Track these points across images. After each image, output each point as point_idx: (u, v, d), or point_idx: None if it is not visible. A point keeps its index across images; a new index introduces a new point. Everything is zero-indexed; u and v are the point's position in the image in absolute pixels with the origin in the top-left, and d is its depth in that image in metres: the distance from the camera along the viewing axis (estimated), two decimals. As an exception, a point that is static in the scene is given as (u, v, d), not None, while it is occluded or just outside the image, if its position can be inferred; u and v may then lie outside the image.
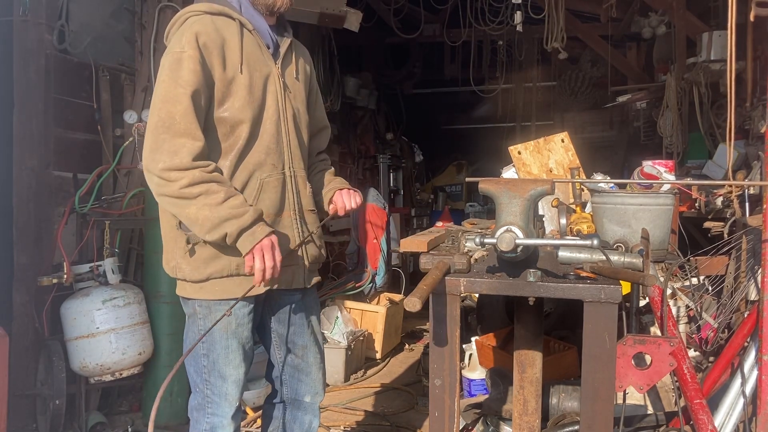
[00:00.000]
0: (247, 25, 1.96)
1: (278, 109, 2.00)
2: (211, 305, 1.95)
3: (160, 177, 1.78)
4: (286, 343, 2.15)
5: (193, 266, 1.92)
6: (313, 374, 2.19)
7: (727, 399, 2.77)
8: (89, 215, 3.33)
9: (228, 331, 1.95)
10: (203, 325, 1.96)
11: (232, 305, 1.90)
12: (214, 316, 1.93)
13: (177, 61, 1.82)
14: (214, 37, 1.87)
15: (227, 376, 1.97)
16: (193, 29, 1.85)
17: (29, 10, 3.24)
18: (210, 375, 1.98)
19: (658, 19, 6.06)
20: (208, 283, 1.92)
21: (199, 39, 1.84)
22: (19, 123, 3.24)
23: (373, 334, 4.77)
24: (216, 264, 1.90)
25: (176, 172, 1.77)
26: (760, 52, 3.87)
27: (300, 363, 2.17)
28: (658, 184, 2.68)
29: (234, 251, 1.86)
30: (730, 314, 3.10)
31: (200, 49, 1.84)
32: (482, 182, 1.66)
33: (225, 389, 1.98)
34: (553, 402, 2.37)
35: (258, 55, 1.97)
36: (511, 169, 3.28)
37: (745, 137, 3.91)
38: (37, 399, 3.23)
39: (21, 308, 3.20)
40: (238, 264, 1.89)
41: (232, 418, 2.01)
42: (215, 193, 1.79)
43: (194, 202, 1.78)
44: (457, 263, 1.62)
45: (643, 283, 1.44)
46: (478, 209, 8.69)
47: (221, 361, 1.96)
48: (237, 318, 1.95)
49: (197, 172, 1.78)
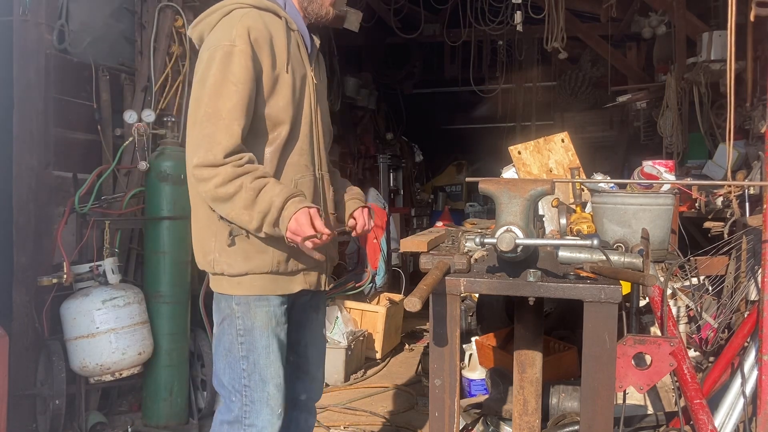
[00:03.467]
0: (291, 24, 1.95)
1: (311, 111, 1.99)
2: (250, 301, 1.87)
3: (193, 174, 1.77)
4: (291, 344, 2.08)
5: (232, 259, 1.86)
6: (311, 372, 2.16)
7: (727, 399, 2.77)
8: (89, 215, 3.33)
9: (269, 329, 1.88)
10: (242, 325, 1.88)
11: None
12: (254, 313, 1.87)
13: (228, 55, 1.77)
14: (264, 34, 1.83)
15: (269, 378, 1.88)
16: (244, 23, 1.81)
17: (29, 10, 3.23)
18: (250, 379, 1.87)
19: (658, 19, 6.06)
20: (247, 278, 1.86)
21: (251, 34, 1.80)
22: (19, 123, 3.24)
23: (373, 334, 4.77)
24: (257, 258, 1.86)
25: (208, 169, 1.74)
26: (760, 52, 3.87)
27: (300, 361, 2.14)
28: (658, 184, 2.68)
29: (276, 248, 1.85)
30: (730, 314, 3.10)
31: (252, 44, 1.79)
32: (482, 182, 1.66)
33: (267, 393, 1.88)
34: (553, 402, 2.37)
35: (298, 56, 1.96)
36: (511, 169, 3.28)
37: (745, 137, 3.91)
38: (37, 399, 3.23)
39: (21, 308, 3.19)
40: (279, 261, 1.86)
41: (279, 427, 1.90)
42: (246, 191, 1.74)
43: (231, 203, 1.75)
44: (457, 263, 1.62)
45: (643, 283, 1.44)
46: (478, 209, 8.70)
47: (262, 362, 1.87)
48: (276, 316, 1.89)
49: (228, 168, 1.74)
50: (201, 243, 1.94)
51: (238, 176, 1.75)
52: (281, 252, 1.87)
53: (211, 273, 1.94)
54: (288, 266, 1.90)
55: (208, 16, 1.91)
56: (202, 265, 1.96)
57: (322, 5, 1.98)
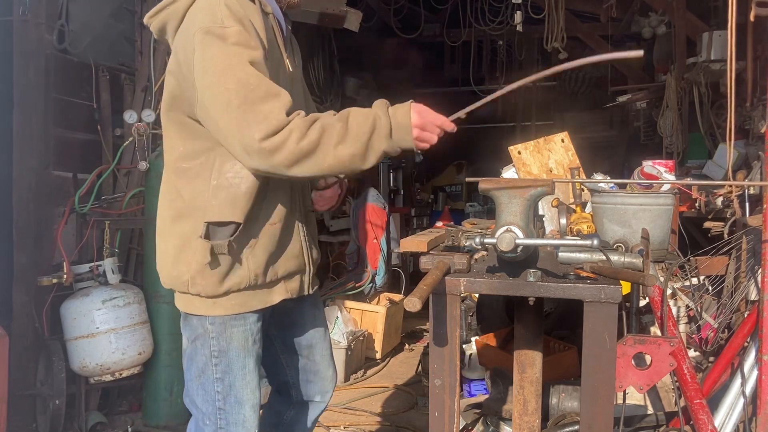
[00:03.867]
0: (266, 7, 1.80)
1: None
2: (226, 321, 1.73)
3: (265, 148, 1.53)
4: (290, 346, 2.04)
5: (211, 280, 1.70)
6: (321, 372, 2.07)
7: (727, 399, 2.77)
8: (89, 215, 3.33)
9: (245, 349, 1.76)
10: (217, 346, 1.75)
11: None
12: (229, 333, 1.74)
13: (221, 36, 1.59)
14: (243, 15, 1.65)
15: (245, 400, 1.77)
16: (223, 3, 1.62)
17: (29, 10, 3.24)
18: (225, 402, 1.77)
19: (658, 19, 6.06)
20: (225, 297, 1.72)
21: (233, 14, 1.62)
22: (19, 123, 3.24)
23: (373, 334, 4.77)
24: (235, 276, 1.71)
25: (279, 134, 1.53)
26: (760, 52, 3.87)
27: (307, 363, 2.05)
28: (658, 184, 2.68)
29: (252, 259, 1.72)
30: (730, 314, 3.10)
31: (242, 22, 1.62)
32: (482, 182, 1.66)
33: (243, 416, 1.78)
34: (553, 402, 2.37)
35: (274, 42, 1.80)
36: (511, 169, 3.28)
37: (745, 137, 3.91)
38: (37, 399, 3.23)
39: (21, 308, 3.19)
40: (256, 273, 1.73)
41: None
42: (332, 126, 1.58)
43: (321, 149, 1.56)
44: (457, 263, 1.62)
45: (643, 283, 1.44)
46: (478, 209, 8.69)
47: (238, 383, 1.76)
48: (253, 334, 1.77)
49: (298, 120, 1.56)
50: (173, 265, 1.74)
51: (314, 121, 1.58)
52: (257, 262, 1.73)
53: (181, 292, 1.77)
54: (267, 277, 1.77)
55: (172, 3, 1.70)
56: (173, 285, 1.77)
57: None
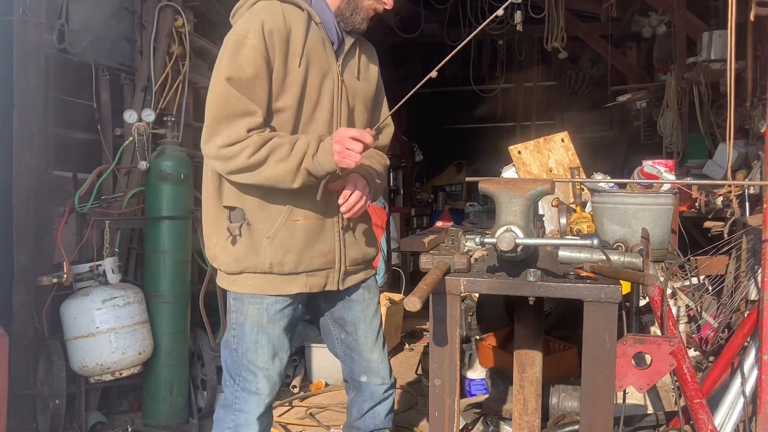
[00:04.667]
0: (315, 17, 1.92)
1: (332, 108, 1.96)
2: (244, 298, 1.95)
3: (221, 155, 1.80)
4: (336, 320, 2.16)
5: (229, 258, 1.92)
6: (364, 353, 2.16)
7: (727, 399, 2.77)
8: (89, 215, 3.33)
9: (259, 326, 1.95)
10: (235, 319, 1.97)
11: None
12: (245, 309, 1.94)
13: (238, 45, 1.81)
14: (281, 27, 1.84)
15: (257, 371, 1.96)
16: (259, 16, 1.83)
17: (29, 9, 3.23)
18: (241, 369, 1.97)
19: (658, 19, 6.07)
20: (241, 276, 1.93)
21: (265, 27, 1.82)
22: (19, 123, 3.24)
23: (373, 334, 4.77)
24: (250, 260, 1.91)
25: (236, 145, 1.78)
26: (760, 51, 3.87)
27: (350, 341, 2.16)
28: (658, 184, 2.68)
29: (270, 249, 1.89)
30: (730, 314, 3.10)
31: (265, 39, 1.81)
32: (482, 182, 1.66)
33: (255, 385, 1.97)
34: (553, 402, 2.37)
35: (320, 51, 1.93)
36: (511, 168, 3.28)
37: (745, 137, 3.92)
38: (37, 399, 3.23)
39: (21, 308, 3.19)
40: (271, 263, 1.90)
41: (258, 419, 1.98)
42: (280, 146, 1.79)
43: (266, 164, 1.79)
44: (457, 263, 1.62)
45: (643, 282, 1.44)
46: (478, 209, 8.69)
47: (251, 355, 1.96)
48: (268, 314, 1.95)
49: (254, 137, 1.78)
50: (206, 238, 2.01)
51: (267, 140, 1.79)
52: (274, 253, 1.90)
53: (214, 266, 2.02)
54: (284, 268, 1.92)
55: (240, 6, 1.95)
56: (208, 257, 2.04)
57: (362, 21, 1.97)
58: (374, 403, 2.20)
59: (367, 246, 2.12)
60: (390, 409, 2.23)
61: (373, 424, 2.22)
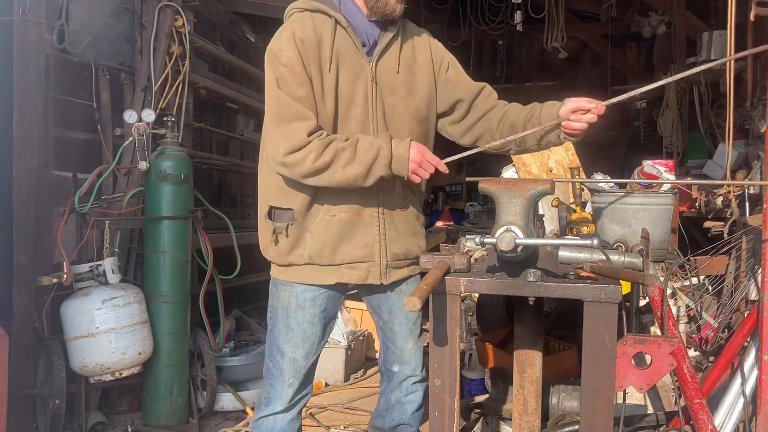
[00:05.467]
0: (341, 21, 1.98)
1: (367, 107, 1.99)
2: (278, 284, 2.09)
3: (287, 163, 1.88)
4: (375, 308, 2.23)
5: (277, 252, 2.06)
6: (398, 343, 2.21)
7: (727, 399, 2.77)
8: (89, 215, 3.32)
9: (288, 311, 2.07)
10: (271, 303, 2.13)
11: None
12: (278, 294, 2.09)
13: (275, 57, 1.92)
14: (311, 36, 1.92)
15: (285, 352, 2.08)
16: (291, 27, 1.93)
17: (29, 9, 3.23)
18: (272, 349, 2.12)
19: (658, 19, 6.07)
20: (290, 268, 2.06)
21: (296, 37, 1.91)
22: (19, 123, 3.24)
23: (373, 334, 4.77)
24: (295, 253, 2.03)
25: (296, 153, 1.86)
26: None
27: (387, 329, 2.22)
28: (658, 184, 2.68)
29: (310, 242, 2.00)
30: (730, 314, 3.10)
31: (297, 48, 1.90)
32: (482, 182, 1.66)
33: (282, 365, 2.09)
34: (553, 402, 2.36)
35: (350, 53, 1.98)
36: (511, 168, 3.29)
37: (745, 137, 3.92)
38: (37, 399, 3.23)
39: (21, 308, 3.19)
40: (311, 255, 2.01)
41: (288, 401, 2.10)
42: (343, 150, 1.87)
43: (334, 169, 1.88)
44: (457, 263, 1.62)
45: (643, 282, 1.44)
46: (478, 209, 8.68)
47: (281, 338, 2.08)
48: (297, 300, 2.06)
49: (315, 142, 1.87)
50: (260, 231, 2.13)
51: (328, 144, 1.88)
52: (313, 246, 2.01)
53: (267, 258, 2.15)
54: (323, 260, 2.02)
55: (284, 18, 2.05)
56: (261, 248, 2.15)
57: (387, 3, 1.98)
58: (402, 395, 2.25)
59: (410, 243, 2.14)
60: (418, 406, 2.27)
61: (399, 419, 2.26)
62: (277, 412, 2.11)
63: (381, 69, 2.03)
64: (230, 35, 5.02)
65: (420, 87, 2.11)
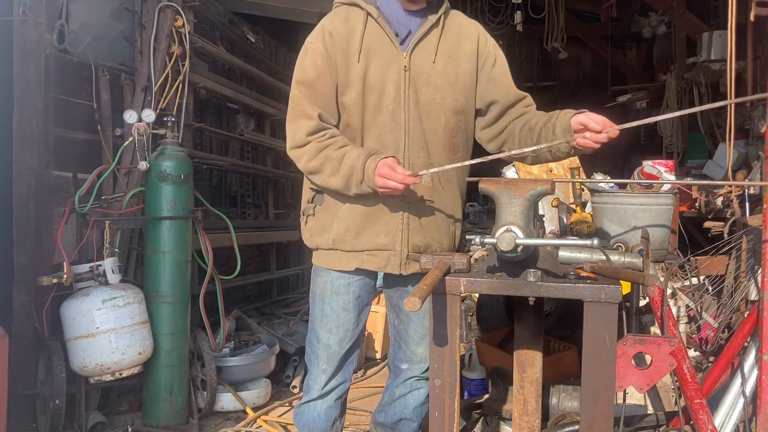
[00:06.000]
0: (372, 13, 2.01)
1: (398, 97, 1.99)
2: (317, 270, 2.17)
3: (291, 156, 2.04)
4: (393, 306, 2.26)
5: (307, 234, 2.16)
6: (411, 346, 2.25)
7: (727, 399, 2.77)
8: (89, 215, 3.32)
9: (323, 296, 2.13)
10: (311, 289, 2.20)
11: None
12: (316, 280, 2.16)
13: (304, 51, 2.04)
14: (341, 29, 2.00)
15: (320, 337, 2.14)
16: (324, 22, 2.03)
17: (29, 9, 3.23)
18: (310, 333, 2.19)
19: (658, 19, 6.07)
20: (317, 251, 2.15)
21: (326, 31, 2.00)
22: (18, 123, 3.24)
23: (373, 334, 4.77)
24: (321, 237, 2.10)
25: (297, 150, 2.00)
26: (760, 52, 3.87)
27: (402, 329, 2.25)
28: (658, 184, 2.68)
29: (336, 228, 2.06)
30: (730, 314, 3.10)
31: (325, 41, 1.98)
32: (482, 182, 1.66)
33: (317, 349, 2.15)
34: (553, 402, 2.36)
35: (381, 44, 2.00)
36: (511, 168, 3.28)
37: (745, 137, 3.91)
38: (37, 399, 3.23)
39: (21, 308, 3.19)
40: (334, 240, 2.06)
41: (321, 386, 2.15)
42: (331, 160, 1.95)
43: (321, 174, 1.99)
44: (457, 263, 1.62)
45: (643, 283, 1.44)
46: (478, 209, 8.68)
47: (317, 322, 2.15)
48: (332, 286, 2.11)
49: (312, 145, 1.97)
50: (302, 217, 2.21)
51: (321, 150, 1.96)
52: (337, 231, 2.06)
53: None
54: (345, 245, 2.06)
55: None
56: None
57: None
58: (406, 390, 2.28)
59: (432, 237, 2.11)
60: (421, 402, 2.30)
61: (401, 413, 2.30)
62: (314, 398, 2.16)
63: (415, 58, 2.01)
64: (230, 35, 5.02)
65: (461, 77, 2.07)
